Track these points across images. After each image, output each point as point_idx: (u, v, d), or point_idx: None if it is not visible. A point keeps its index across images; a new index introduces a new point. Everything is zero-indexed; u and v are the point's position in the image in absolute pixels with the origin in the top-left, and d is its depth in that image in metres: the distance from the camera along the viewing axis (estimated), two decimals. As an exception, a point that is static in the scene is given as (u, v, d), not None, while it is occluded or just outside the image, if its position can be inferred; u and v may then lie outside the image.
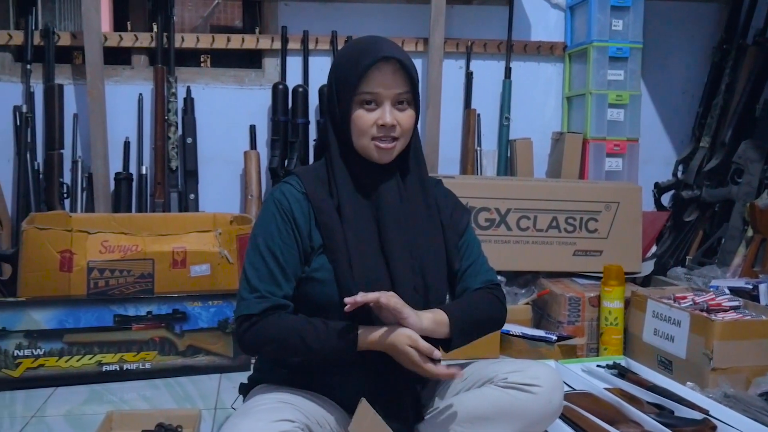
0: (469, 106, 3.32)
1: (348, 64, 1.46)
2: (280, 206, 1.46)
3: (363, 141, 1.46)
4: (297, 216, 1.46)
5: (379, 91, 1.44)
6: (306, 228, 1.46)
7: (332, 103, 1.50)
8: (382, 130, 1.45)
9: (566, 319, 2.59)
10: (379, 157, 1.47)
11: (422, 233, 1.51)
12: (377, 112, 1.45)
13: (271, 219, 1.46)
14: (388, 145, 1.46)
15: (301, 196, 1.48)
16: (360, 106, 1.45)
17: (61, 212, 2.75)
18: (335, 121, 1.50)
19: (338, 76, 1.48)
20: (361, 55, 1.44)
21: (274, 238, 1.44)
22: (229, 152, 3.20)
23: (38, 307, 2.22)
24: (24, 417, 2.00)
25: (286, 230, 1.45)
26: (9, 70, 3.08)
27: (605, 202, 2.82)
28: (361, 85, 1.43)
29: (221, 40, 3.17)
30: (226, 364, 2.38)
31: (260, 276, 1.43)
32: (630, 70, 3.18)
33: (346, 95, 1.45)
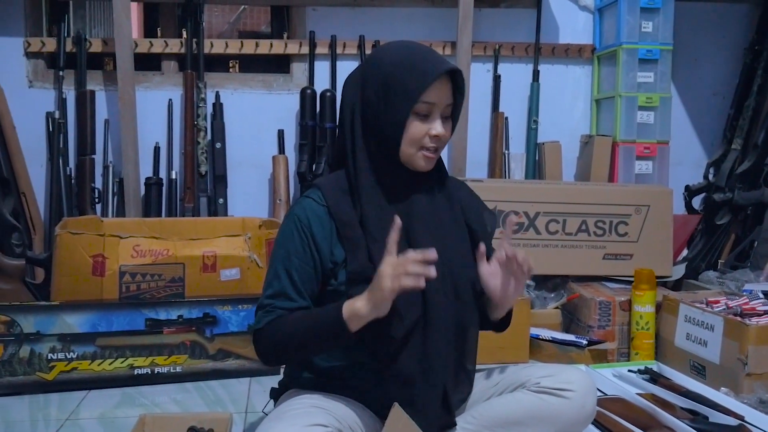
0: (497, 110, 3.31)
1: (409, 71, 1.42)
2: (300, 223, 1.46)
3: (411, 150, 1.45)
4: (316, 233, 1.45)
5: (436, 101, 1.44)
6: (327, 244, 1.46)
7: (374, 107, 1.46)
8: (434, 140, 1.45)
9: (596, 323, 2.57)
10: (425, 165, 1.47)
11: (450, 238, 1.50)
12: (429, 123, 1.45)
13: (289, 237, 1.47)
14: (434, 154, 1.47)
15: (322, 211, 1.47)
16: (415, 116, 1.43)
17: (93, 217, 2.78)
18: (373, 126, 1.47)
19: (392, 81, 1.43)
20: (426, 64, 1.43)
21: (291, 257, 1.45)
22: (258, 157, 3.22)
23: (72, 311, 2.24)
24: (58, 420, 2.02)
25: (303, 248, 1.45)
26: (42, 76, 3.12)
27: (635, 206, 2.79)
28: (423, 95, 1.41)
29: (249, 46, 3.20)
30: (255, 368, 2.39)
31: (273, 291, 1.46)
32: (660, 72, 3.15)
33: (404, 103, 1.42)
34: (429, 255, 1.32)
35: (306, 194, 1.52)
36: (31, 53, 3.11)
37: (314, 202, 1.48)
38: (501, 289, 1.46)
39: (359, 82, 1.49)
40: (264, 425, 1.36)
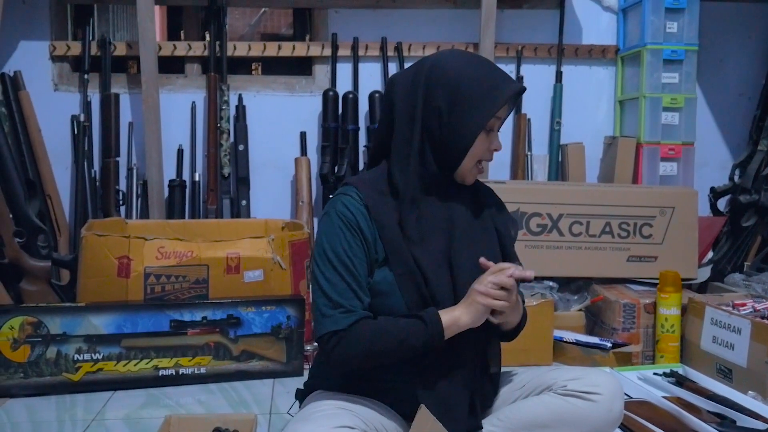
0: (519, 111, 3.30)
1: (483, 88, 1.42)
2: (345, 218, 1.44)
3: (470, 164, 1.47)
4: (363, 228, 1.44)
5: (503, 117, 1.48)
6: (372, 239, 1.45)
7: (437, 116, 1.43)
8: (490, 154, 1.50)
9: (621, 325, 2.55)
10: (473, 177, 1.51)
11: (481, 243, 1.50)
12: (491, 137, 1.48)
13: (338, 232, 1.43)
14: (483, 168, 1.51)
15: (363, 209, 1.45)
16: (485, 131, 1.45)
17: (118, 219, 2.81)
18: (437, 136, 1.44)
19: (466, 96, 1.42)
20: (498, 80, 1.43)
21: (346, 251, 1.42)
22: (280, 159, 3.23)
23: (97, 313, 2.26)
24: (85, 420, 2.04)
25: (356, 243, 1.43)
26: (67, 80, 3.16)
27: (660, 207, 2.77)
28: (499, 111, 1.44)
29: (272, 48, 3.21)
30: (279, 370, 2.39)
31: (339, 291, 1.41)
32: (685, 73, 3.13)
33: (478, 118, 1.42)
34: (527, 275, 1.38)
35: (343, 191, 1.49)
36: (56, 57, 3.14)
37: (353, 199, 1.46)
38: None
39: (422, 87, 1.44)
40: (291, 426, 1.36)
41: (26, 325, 2.22)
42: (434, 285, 1.43)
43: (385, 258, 1.45)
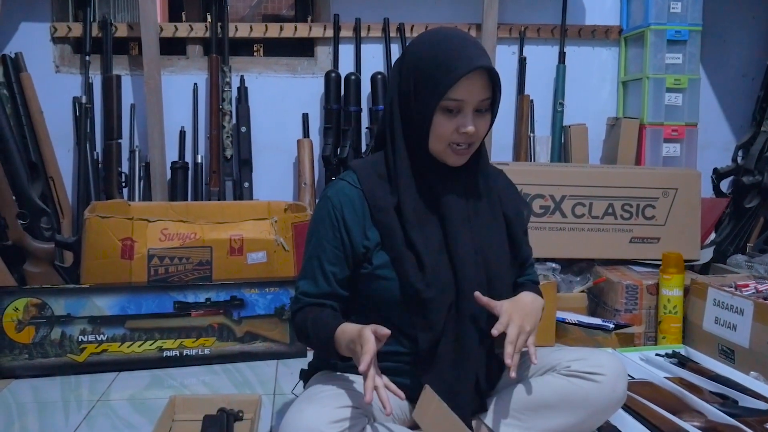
0: (522, 92, 3.29)
1: (436, 67, 1.39)
2: (332, 207, 1.47)
3: (439, 146, 1.44)
4: (348, 218, 1.46)
5: (465, 98, 1.40)
6: (359, 228, 1.46)
7: (407, 99, 1.45)
8: (462, 136, 1.42)
9: (623, 307, 2.55)
10: (454, 161, 1.46)
11: (485, 228, 1.50)
12: (458, 119, 1.41)
13: (320, 222, 1.49)
14: (465, 150, 1.45)
15: (356, 194, 1.47)
16: (442, 112, 1.41)
17: (121, 201, 2.80)
18: (408, 116, 1.46)
19: (421, 75, 1.41)
20: (452, 60, 1.38)
21: (321, 241, 1.48)
22: (283, 141, 3.22)
23: (101, 294, 2.27)
24: (90, 400, 2.05)
25: (333, 233, 1.46)
26: (68, 61, 3.14)
27: (663, 189, 2.77)
28: (449, 92, 1.38)
29: (274, 29, 3.19)
30: (282, 351, 2.40)
31: (304, 276, 1.51)
32: (689, 54, 3.11)
33: (430, 98, 1.40)
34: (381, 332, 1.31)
35: (341, 176, 1.52)
36: (57, 38, 3.13)
37: (348, 184, 1.49)
38: None
39: (396, 72, 1.49)
40: (295, 406, 1.37)
41: (30, 306, 2.22)
42: (430, 270, 1.43)
43: (380, 242, 1.46)
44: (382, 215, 1.45)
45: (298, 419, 1.32)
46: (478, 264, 1.46)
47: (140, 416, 1.94)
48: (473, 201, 1.50)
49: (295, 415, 1.33)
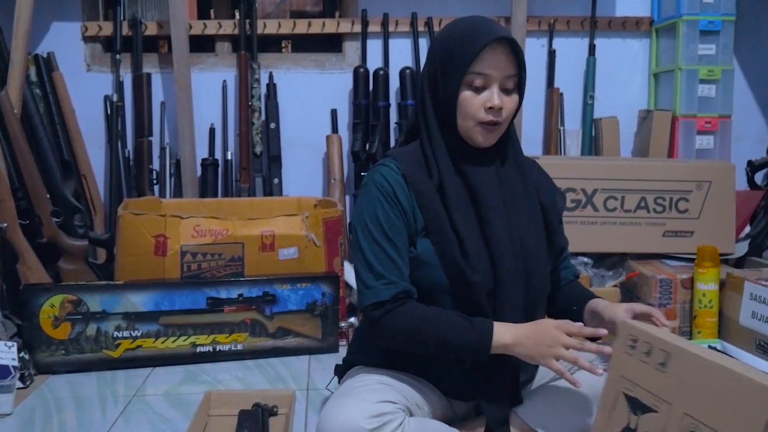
0: (552, 86, 3.26)
1: (459, 43, 1.41)
2: (383, 189, 1.45)
3: (468, 123, 1.44)
4: (401, 198, 1.44)
5: (490, 72, 1.40)
6: (410, 210, 1.45)
7: (434, 81, 1.46)
8: (489, 113, 1.42)
9: (657, 301, 2.53)
10: (483, 140, 1.45)
11: (522, 216, 1.49)
12: (485, 95, 1.42)
13: (377, 203, 1.45)
14: (493, 128, 1.43)
15: (400, 179, 1.46)
16: (468, 88, 1.42)
17: (153, 198, 2.83)
18: (437, 100, 1.47)
19: (445, 54, 1.43)
20: (474, 34, 1.40)
21: (385, 221, 1.43)
22: (312, 136, 3.23)
23: (135, 291, 2.29)
24: (126, 396, 2.07)
25: (394, 214, 1.44)
26: (99, 60, 3.17)
27: (696, 182, 2.73)
28: (472, 65, 1.39)
29: (302, 25, 3.20)
30: (314, 346, 2.41)
31: (381, 262, 1.42)
32: (722, 44, 3.06)
33: (455, 75, 1.41)
34: (598, 332, 1.34)
35: (381, 163, 1.51)
36: (88, 37, 3.16)
37: (391, 170, 1.47)
38: None
39: (428, 58, 1.51)
40: (333, 401, 1.37)
41: (66, 303, 2.25)
42: (472, 254, 1.42)
43: (425, 227, 1.45)
44: (426, 199, 1.44)
45: (337, 414, 1.32)
46: (516, 252, 1.45)
47: (176, 411, 1.95)
48: (508, 188, 1.49)
49: (334, 409, 1.33)
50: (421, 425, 1.38)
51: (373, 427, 1.30)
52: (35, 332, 2.23)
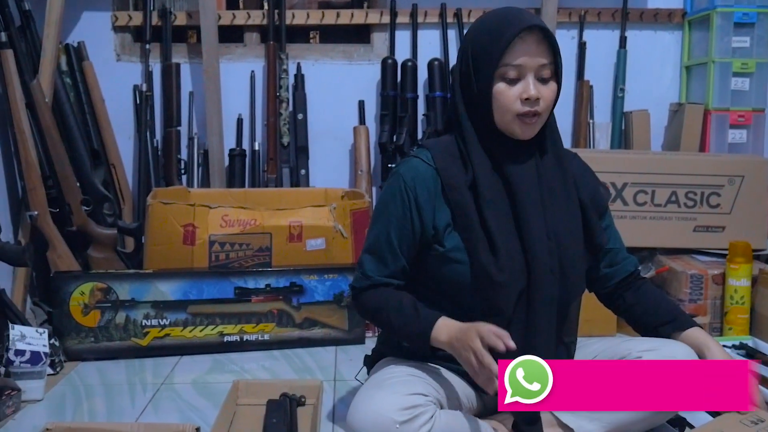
0: (581, 78, 3.22)
1: (488, 36, 1.40)
2: (404, 184, 1.45)
3: (506, 117, 1.41)
4: (420, 195, 1.44)
5: (523, 62, 1.38)
6: (430, 207, 1.45)
7: (467, 77, 1.45)
8: (526, 104, 1.39)
9: (687, 297, 2.50)
10: (522, 132, 1.42)
11: (559, 212, 1.46)
12: (520, 86, 1.40)
13: (391, 198, 1.47)
14: (532, 120, 1.41)
15: (430, 172, 1.46)
16: (501, 80, 1.40)
17: (181, 188, 2.84)
18: (470, 96, 1.44)
19: (476, 49, 1.42)
20: (502, 25, 1.39)
21: (391, 218, 1.47)
22: (339, 128, 3.22)
23: (164, 279, 2.30)
24: (155, 384, 2.08)
25: (404, 211, 1.45)
26: (129, 50, 3.19)
27: (728, 176, 2.69)
28: (503, 57, 1.38)
29: (330, 16, 3.19)
30: (341, 337, 2.41)
31: (370, 252, 1.50)
32: (757, 36, 3.01)
33: (487, 68, 1.39)
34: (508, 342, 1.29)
35: (414, 153, 1.51)
36: (118, 27, 3.17)
37: (422, 162, 1.47)
38: None
39: (459, 54, 1.50)
40: (364, 392, 1.37)
41: (96, 290, 2.27)
42: (503, 253, 1.40)
43: (452, 223, 1.44)
44: (456, 193, 1.43)
45: (368, 405, 1.32)
46: (551, 250, 1.43)
47: (204, 399, 1.96)
48: (547, 182, 1.47)
49: (365, 400, 1.33)
50: (452, 418, 1.38)
51: (404, 419, 1.29)
52: (65, 319, 2.26)
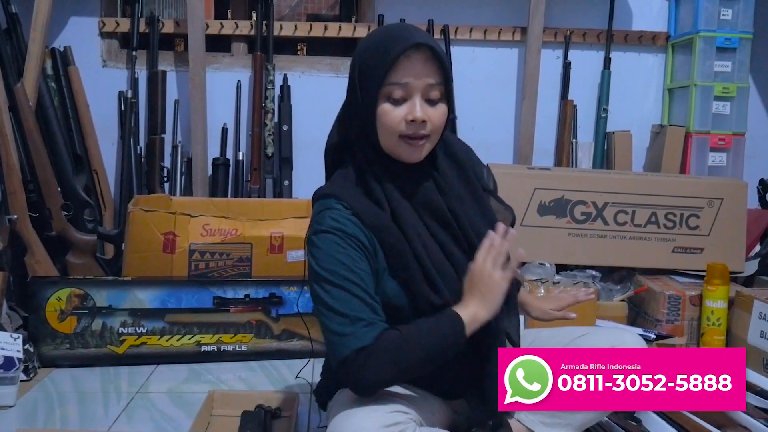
0: (566, 97, 3.25)
1: (374, 53, 1.30)
2: (341, 232, 1.29)
3: (391, 139, 1.32)
4: (361, 239, 1.31)
5: (409, 81, 1.29)
6: (372, 249, 1.32)
7: (354, 97, 1.35)
8: (411, 126, 1.30)
9: (665, 317, 2.51)
10: (408, 156, 1.33)
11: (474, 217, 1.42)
12: (406, 107, 1.30)
13: (336, 248, 1.29)
14: (418, 142, 1.32)
15: (354, 218, 1.32)
16: (387, 100, 1.30)
17: (163, 195, 2.82)
18: (358, 118, 1.35)
19: (361, 67, 1.32)
20: (388, 42, 1.29)
21: (348, 263, 1.28)
22: (324, 140, 3.15)
23: (142, 287, 2.29)
24: (129, 392, 2.07)
25: (357, 255, 1.29)
26: (115, 56, 3.18)
27: (708, 198, 2.72)
28: (388, 76, 1.28)
29: (318, 29, 3.20)
30: (319, 350, 2.38)
31: (352, 306, 1.27)
32: (738, 61, 3.05)
33: (371, 87, 1.29)
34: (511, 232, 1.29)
35: (324, 206, 1.35)
36: (105, 33, 3.17)
37: (341, 212, 1.32)
38: None
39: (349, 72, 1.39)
40: (341, 410, 1.31)
41: (73, 297, 2.25)
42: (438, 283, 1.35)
43: (388, 266, 1.35)
44: (386, 234, 1.33)
45: (350, 423, 1.26)
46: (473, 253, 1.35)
47: (178, 409, 1.95)
48: (453, 195, 1.41)
49: (347, 418, 1.27)
50: None
51: None
52: (41, 325, 2.24)
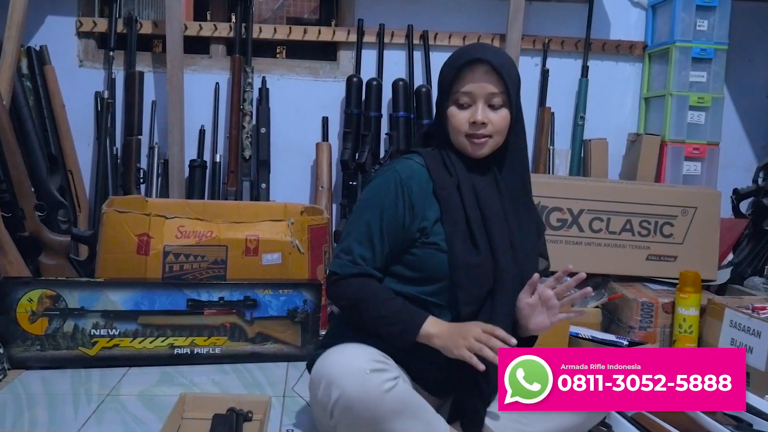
0: (543, 104, 3.28)
1: (448, 66, 1.59)
2: (399, 179, 1.54)
3: (458, 138, 1.57)
4: (414, 190, 1.54)
5: (471, 89, 1.54)
6: (421, 202, 1.54)
7: (437, 100, 1.63)
8: (473, 127, 1.54)
9: (638, 324, 2.54)
10: (472, 151, 1.57)
11: (522, 226, 1.60)
12: (470, 111, 1.55)
13: (386, 190, 1.54)
14: (480, 140, 1.55)
15: (423, 172, 1.57)
16: (455, 105, 1.56)
17: (139, 197, 2.82)
18: (437, 117, 1.63)
19: (440, 77, 1.61)
20: (457, 57, 1.57)
21: (384, 209, 1.54)
22: (302, 143, 3.22)
23: (115, 289, 2.27)
24: (100, 395, 2.05)
25: (396, 204, 1.53)
26: (92, 56, 3.16)
27: (682, 207, 2.75)
28: (455, 85, 1.55)
29: (298, 32, 3.20)
30: (294, 353, 2.39)
31: (361, 241, 1.54)
32: (713, 72, 3.10)
33: (444, 94, 1.58)
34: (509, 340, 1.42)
35: (406, 156, 1.62)
36: (82, 33, 3.15)
37: (416, 163, 1.59)
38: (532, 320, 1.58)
39: None
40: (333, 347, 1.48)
41: (45, 298, 2.23)
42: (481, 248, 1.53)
43: (441, 217, 1.55)
44: (446, 192, 1.55)
45: (340, 353, 1.43)
46: (515, 260, 1.55)
47: (150, 412, 1.93)
48: (509, 197, 1.59)
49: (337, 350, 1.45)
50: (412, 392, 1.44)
51: (373, 368, 1.38)
52: (11, 326, 2.21)
